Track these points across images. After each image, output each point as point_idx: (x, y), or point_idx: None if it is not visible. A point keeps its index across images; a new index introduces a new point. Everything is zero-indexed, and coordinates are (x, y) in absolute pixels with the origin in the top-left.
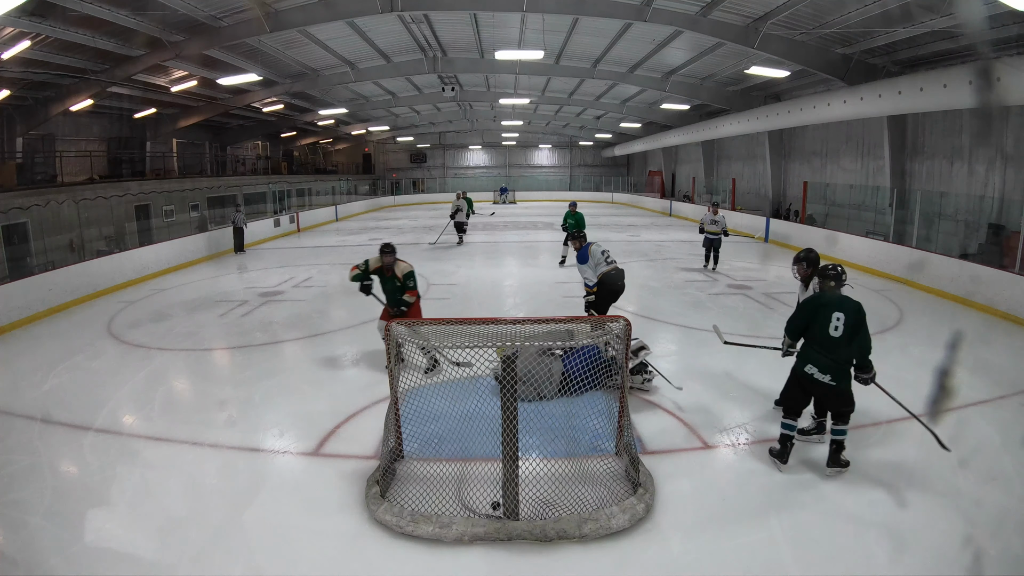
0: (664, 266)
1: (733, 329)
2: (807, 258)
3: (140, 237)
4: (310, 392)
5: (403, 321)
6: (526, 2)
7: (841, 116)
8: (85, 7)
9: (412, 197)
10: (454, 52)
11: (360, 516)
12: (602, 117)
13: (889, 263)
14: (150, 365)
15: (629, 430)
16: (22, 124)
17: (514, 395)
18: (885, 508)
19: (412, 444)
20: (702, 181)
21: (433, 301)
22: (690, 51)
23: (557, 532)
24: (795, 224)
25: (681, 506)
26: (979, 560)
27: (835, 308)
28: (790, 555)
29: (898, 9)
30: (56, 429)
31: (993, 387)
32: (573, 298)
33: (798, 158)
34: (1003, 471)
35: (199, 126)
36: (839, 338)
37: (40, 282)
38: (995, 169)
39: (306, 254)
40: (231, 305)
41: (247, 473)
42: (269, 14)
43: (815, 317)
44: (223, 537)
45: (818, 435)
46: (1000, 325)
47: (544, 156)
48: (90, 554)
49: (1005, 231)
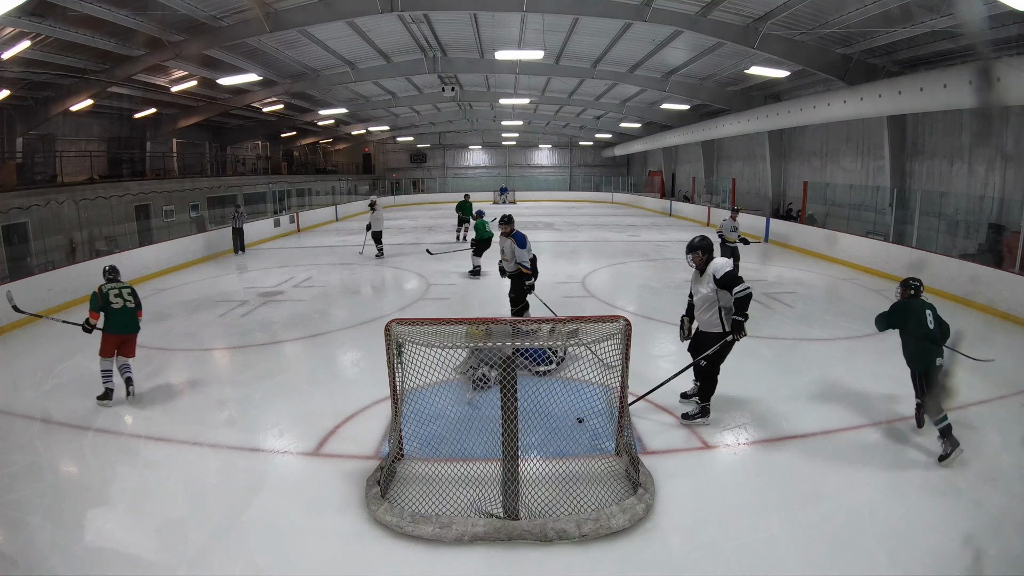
0: (664, 266)
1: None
2: (701, 246)
3: (140, 237)
4: (310, 392)
5: (405, 320)
6: (526, 2)
7: (841, 116)
8: (85, 7)
9: (412, 197)
10: (454, 52)
11: (360, 516)
12: (602, 117)
13: (889, 263)
14: (150, 365)
15: (629, 430)
16: (22, 124)
17: (514, 395)
18: (886, 508)
19: (412, 444)
20: (702, 181)
21: (433, 301)
22: (690, 51)
23: (557, 532)
24: (795, 224)
25: (681, 506)
26: (979, 560)
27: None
28: (790, 555)
29: (898, 9)
30: (56, 429)
31: (993, 387)
32: (573, 298)
33: (798, 158)
34: (1003, 471)
35: (199, 126)
36: (934, 330)
37: (40, 282)
38: (995, 169)
39: (306, 254)
40: (231, 305)
41: (247, 473)
42: (269, 14)
43: (909, 318)
44: (223, 537)
45: (703, 419)
46: (1000, 325)
47: (544, 156)
48: (90, 554)
49: (1005, 231)
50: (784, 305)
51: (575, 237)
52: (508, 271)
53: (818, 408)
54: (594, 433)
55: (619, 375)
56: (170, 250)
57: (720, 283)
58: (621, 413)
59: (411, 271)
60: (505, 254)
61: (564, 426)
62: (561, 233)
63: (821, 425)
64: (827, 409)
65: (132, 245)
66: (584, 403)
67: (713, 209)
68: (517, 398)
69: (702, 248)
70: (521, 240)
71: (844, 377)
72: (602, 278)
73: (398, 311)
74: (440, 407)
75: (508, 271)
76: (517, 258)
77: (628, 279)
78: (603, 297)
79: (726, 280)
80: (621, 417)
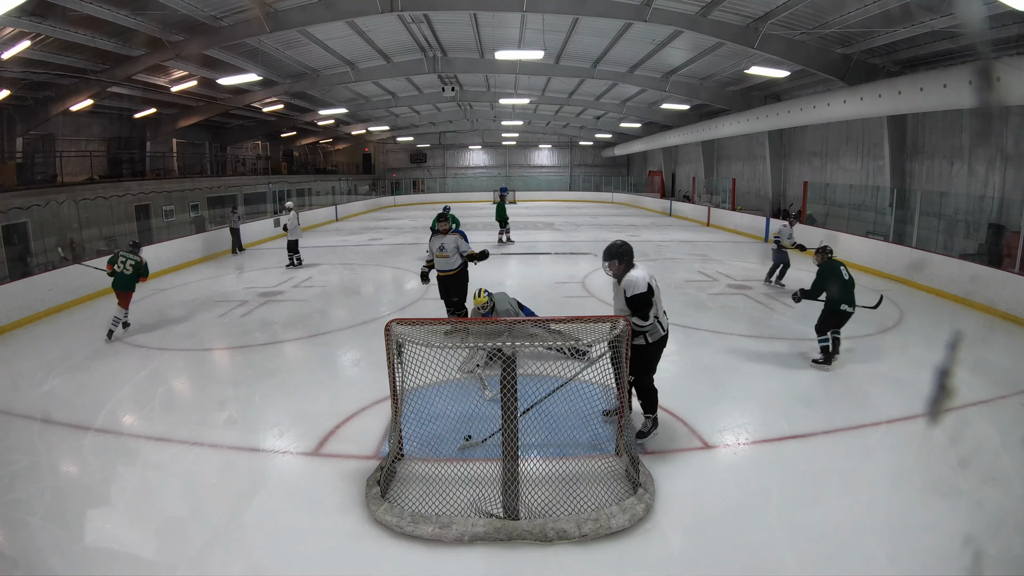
0: (664, 266)
1: (733, 329)
2: (618, 254)
3: (140, 237)
4: (310, 392)
5: (405, 320)
6: (526, 2)
7: (841, 116)
8: (85, 7)
9: (412, 197)
10: (454, 52)
11: (360, 516)
12: (602, 117)
13: (889, 263)
14: (150, 365)
15: (629, 430)
16: (22, 124)
17: (514, 395)
18: (885, 508)
19: (412, 444)
20: (702, 181)
21: (433, 301)
22: (690, 51)
23: (557, 532)
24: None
25: (681, 506)
26: (979, 560)
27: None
28: (790, 555)
29: (898, 9)
30: (56, 429)
31: (993, 387)
32: (573, 298)
33: (798, 158)
34: (1003, 471)
35: (199, 126)
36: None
37: (40, 282)
38: (995, 169)
39: (306, 254)
40: (231, 305)
41: (247, 473)
42: (269, 14)
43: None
44: (223, 537)
45: (655, 430)
46: (1000, 325)
47: (544, 156)
48: (90, 554)
49: (1005, 231)
50: (784, 305)
51: (575, 237)
52: (449, 268)
53: (818, 408)
54: (594, 433)
55: (619, 375)
56: (170, 250)
57: (629, 302)
58: (621, 413)
59: (411, 271)
60: (446, 250)
61: (564, 426)
62: (561, 233)
63: (821, 425)
64: (827, 409)
65: None
66: (584, 403)
67: (713, 209)
68: (517, 398)
69: (619, 257)
70: (464, 235)
71: (844, 377)
72: (602, 278)
73: (398, 311)
74: (440, 407)
75: (449, 268)
76: (463, 249)
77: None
78: (603, 297)
79: (633, 303)
80: (621, 417)
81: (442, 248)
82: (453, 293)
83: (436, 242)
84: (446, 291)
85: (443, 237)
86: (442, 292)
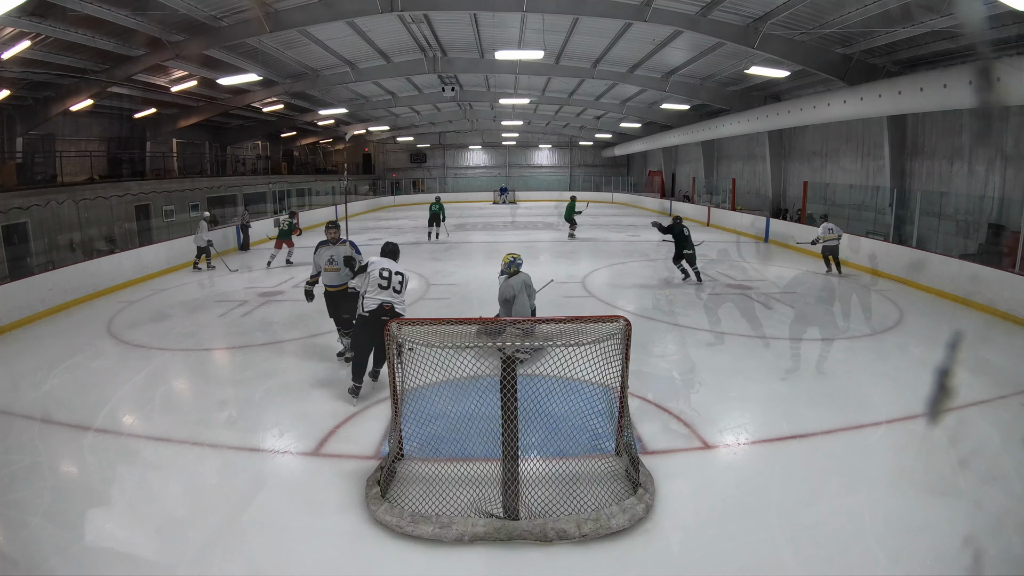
0: (664, 266)
1: (733, 328)
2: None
3: (140, 237)
4: (310, 392)
5: (405, 320)
6: (526, 2)
7: (841, 116)
8: (85, 7)
9: (412, 197)
10: (454, 52)
11: (360, 516)
12: (602, 117)
13: (889, 263)
14: (150, 365)
15: (629, 430)
16: (22, 124)
17: (514, 395)
18: (886, 508)
19: (412, 444)
20: (702, 181)
21: (433, 301)
22: (690, 51)
23: (557, 532)
24: (795, 224)
25: (681, 506)
26: (979, 560)
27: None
28: (790, 555)
29: (898, 9)
30: (56, 429)
31: (993, 387)
32: (573, 298)
33: (798, 158)
34: (1003, 471)
35: (199, 126)
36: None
37: (40, 282)
38: (995, 169)
39: (306, 254)
40: (231, 305)
41: (247, 473)
42: (269, 14)
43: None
44: (223, 537)
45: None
46: (1000, 325)
47: (544, 156)
48: (90, 554)
49: (1005, 231)
50: (784, 305)
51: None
52: (339, 283)
53: (818, 408)
54: (594, 433)
55: (619, 375)
56: (170, 250)
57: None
58: (621, 413)
59: (411, 271)
60: (336, 263)
61: (564, 426)
62: (561, 233)
63: (821, 425)
64: (827, 409)
65: (132, 245)
66: (584, 403)
67: (713, 209)
68: (517, 398)
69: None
70: (356, 245)
71: (844, 377)
72: (602, 278)
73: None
74: (440, 407)
75: (339, 283)
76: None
77: (628, 279)
78: (603, 297)
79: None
80: (621, 417)
81: (332, 261)
82: (344, 310)
83: (324, 254)
84: (335, 308)
85: (332, 248)
86: (331, 310)
